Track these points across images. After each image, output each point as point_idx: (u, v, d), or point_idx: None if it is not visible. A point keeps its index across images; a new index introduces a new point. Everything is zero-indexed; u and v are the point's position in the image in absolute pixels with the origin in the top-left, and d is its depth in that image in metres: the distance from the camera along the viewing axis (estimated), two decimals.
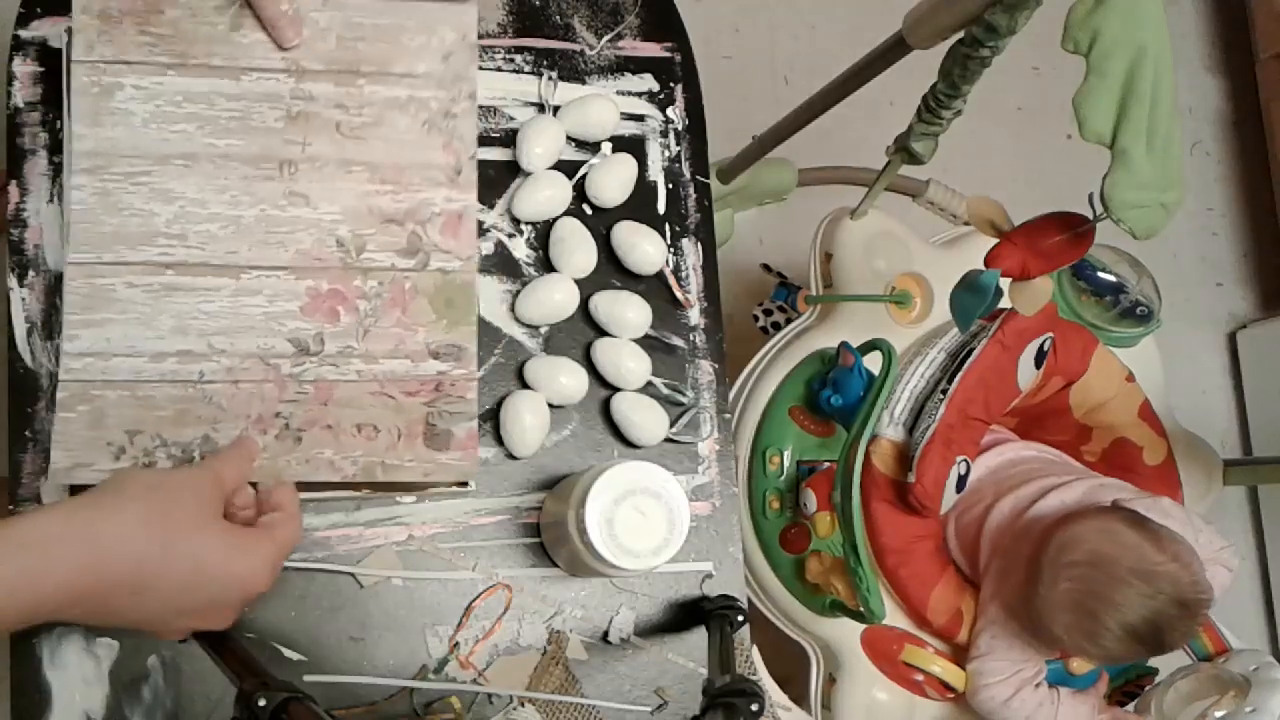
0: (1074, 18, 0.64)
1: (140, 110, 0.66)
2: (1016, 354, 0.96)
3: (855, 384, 0.93)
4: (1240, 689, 0.95)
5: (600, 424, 0.78)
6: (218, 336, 0.66)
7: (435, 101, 0.70)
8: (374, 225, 0.69)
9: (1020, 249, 0.73)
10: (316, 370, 0.67)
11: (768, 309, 1.33)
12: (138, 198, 0.65)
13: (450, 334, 0.69)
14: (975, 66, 0.75)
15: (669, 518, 0.65)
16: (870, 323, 1.00)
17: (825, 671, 1.02)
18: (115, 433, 0.64)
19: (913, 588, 0.96)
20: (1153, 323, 1.08)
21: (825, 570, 0.95)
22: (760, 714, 0.58)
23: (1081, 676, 1.03)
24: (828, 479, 0.95)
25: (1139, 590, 0.83)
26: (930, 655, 0.99)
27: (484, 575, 0.74)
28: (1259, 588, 1.72)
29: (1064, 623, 0.86)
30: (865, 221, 1.02)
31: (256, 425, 0.66)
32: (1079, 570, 0.85)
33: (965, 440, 0.94)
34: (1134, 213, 0.66)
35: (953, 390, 0.93)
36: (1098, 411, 1.05)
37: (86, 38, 0.65)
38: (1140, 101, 0.63)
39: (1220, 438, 1.77)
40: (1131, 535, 0.85)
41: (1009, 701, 0.95)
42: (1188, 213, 1.83)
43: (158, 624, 0.55)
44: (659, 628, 0.76)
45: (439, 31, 0.70)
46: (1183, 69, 1.84)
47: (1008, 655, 0.95)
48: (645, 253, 0.78)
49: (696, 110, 0.84)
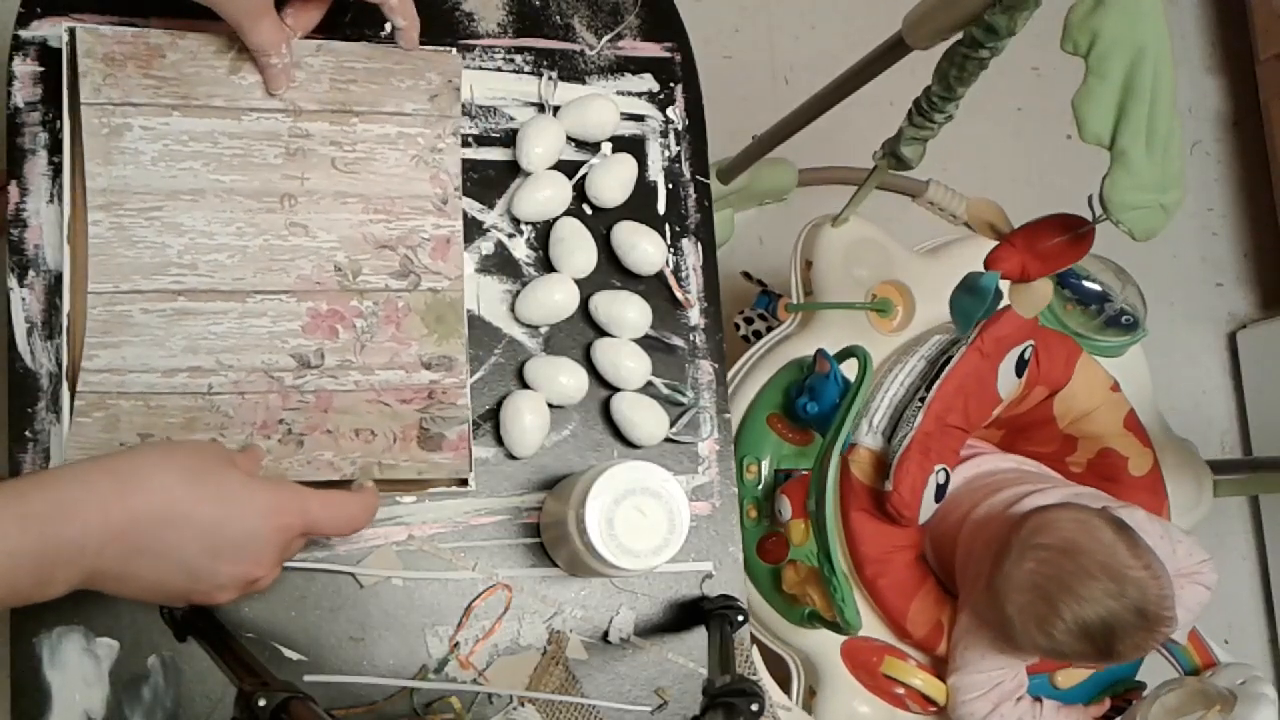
0: (1073, 18, 0.64)
1: (149, 149, 0.69)
2: (996, 361, 0.95)
3: (831, 391, 0.92)
4: (1226, 703, 0.94)
5: (600, 424, 0.78)
6: (226, 354, 0.70)
7: (422, 138, 0.74)
8: (369, 251, 0.73)
9: (1020, 251, 0.73)
10: (317, 381, 0.71)
11: (749, 317, 1.32)
12: (151, 231, 0.69)
13: (441, 347, 0.73)
14: (973, 68, 0.75)
15: (669, 518, 0.65)
16: (852, 331, 1.00)
17: (805, 684, 1.01)
18: (128, 435, 0.67)
19: (891, 598, 0.95)
20: (1138, 332, 1.07)
21: (801, 580, 0.94)
22: (760, 714, 0.58)
23: (1068, 691, 1.03)
24: (803, 486, 0.94)
25: (1104, 588, 0.82)
26: (911, 668, 0.98)
27: (484, 575, 0.74)
28: (1259, 588, 1.72)
29: (1018, 603, 0.84)
30: (846, 229, 1.01)
31: (261, 431, 0.69)
32: (1047, 554, 0.84)
33: (944, 449, 0.93)
34: (1133, 214, 0.65)
35: (931, 398, 0.92)
36: (1083, 422, 1.03)
37: (93, 81, 0.68)
38: (1140, 102, 0.63)
39: (1220, 438, 1.77)
40: (1109, 533, 0.84)
41: (988, 717, 0.94)
42: (1188, 213, 1.83)
43: (196, 570, 0.55)
44: (659, 628, 0.76)
45: (425, 75, 0.75)
46: (1183, 69, 1.84)
47: (982, 667, 0.93)
48: (645, 253, 0.78)
49: (696, 110, 0.84)
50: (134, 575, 0.53)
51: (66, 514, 0.50)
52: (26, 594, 0.50)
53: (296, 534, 0.58)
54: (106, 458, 0.54)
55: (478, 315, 0.77)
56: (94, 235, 0.68)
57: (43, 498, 0.50)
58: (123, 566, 0.52)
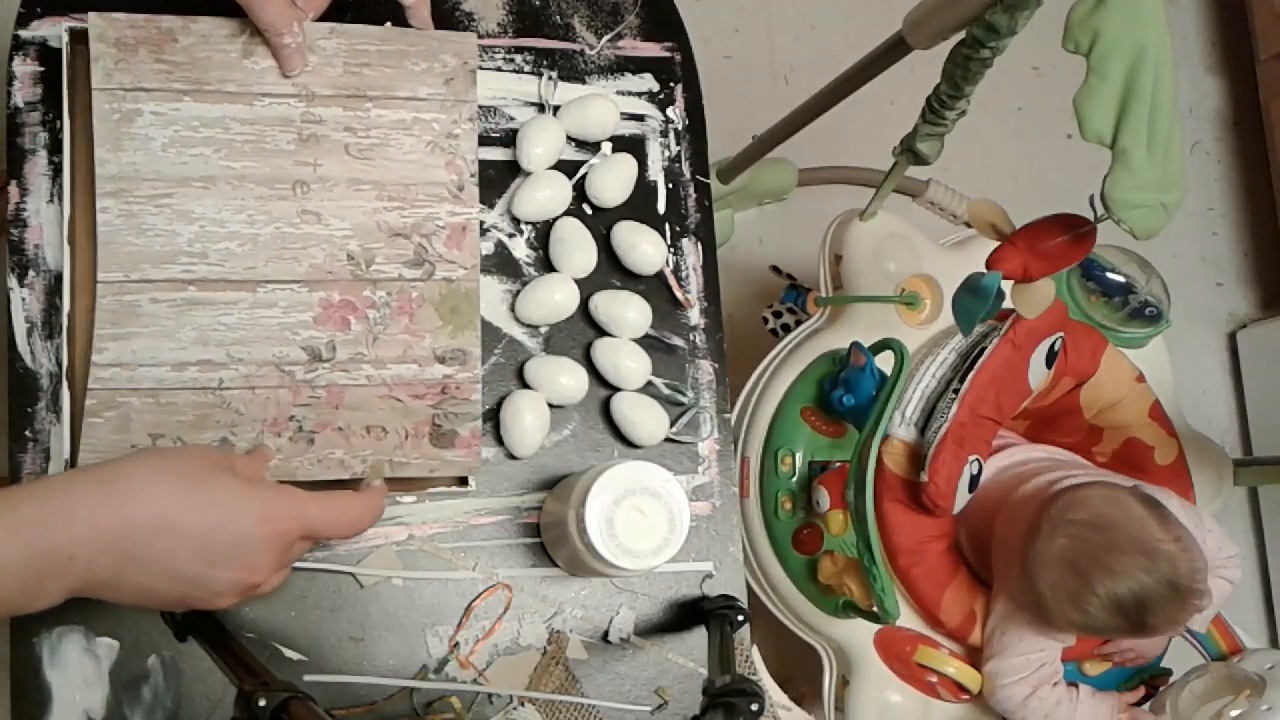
0: (1074, 18, 0.64)
1: (159, 135, 0.68)
2: (1028, 353, 0.96)
3: (867, 383, 0.93)
4: (1255, 688, 0.94)
5: (600, 424, 0.78)
6: (236, 346, 0.69)
7: (438, 123, 0.73)
8: (382, 239, 0.71)
9: (1021, 251, 0.73)
10: (329, 375, 0.70)
11: (777, 311, 1.33)
12: (161, 219, 0.68)
13: (455, 339, 0.72)
14: (976, 67, 0.75)
15: (669, 518, 0.65)
16: (880, 324, 1.00)
17: (838, 674, 1.02)
18: (139, 436, 0.67)
19: (925, 588, 0.96)
20: (1162, 323, 1.08)
21: (838, 571, 0.95)
22: (760, 714, 0.58)
23: (1098, 677, 1.03)
24: (840, 477, 0.95)
25: (1136, 562, 0.83)
26: (944, 656, 0.98)
27: (484, 575, 0.74)
28: (1259, 587, 1.72)
29: (1051, 579, 0.85)
30: (875, 223, 1.02)
31: (272, 428, 0.69)
32: (1079, 529, 0.85)
33: (977, 440, 0.94)
34: (1134, 213, 0.65)
35: (965, 389, 0.93)
36: (1108, 412, 1.05)
37: (104, 65, 0.67)
38: (1141, 101, 0.63)
39: (1220, 438, 1.77)
40: (1139, 509, 0.85)
41: (1027, 700, 0.95)
42: (1188, 213, 1.83)
43: (190, 578, 0.54)
44: (659, 628, 0.76)
45: (440, 57, 0.72)
46: (1183, 69, 1.84)
47: (1021, 650, 0.94)
48: (645, 253, 0.78)
49: (696, 110, 0.84)
50: (128, 583, 0.53)
51: (57, 524, 0.49)
52: (16, 604, 0.50)
53: (295, 539, 0.58)
54: (96, 467, 0.53)
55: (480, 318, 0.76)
56: (103, 223, 0.67)
57: (33, 507, 0.49)
58: (116, 575, 0.52)
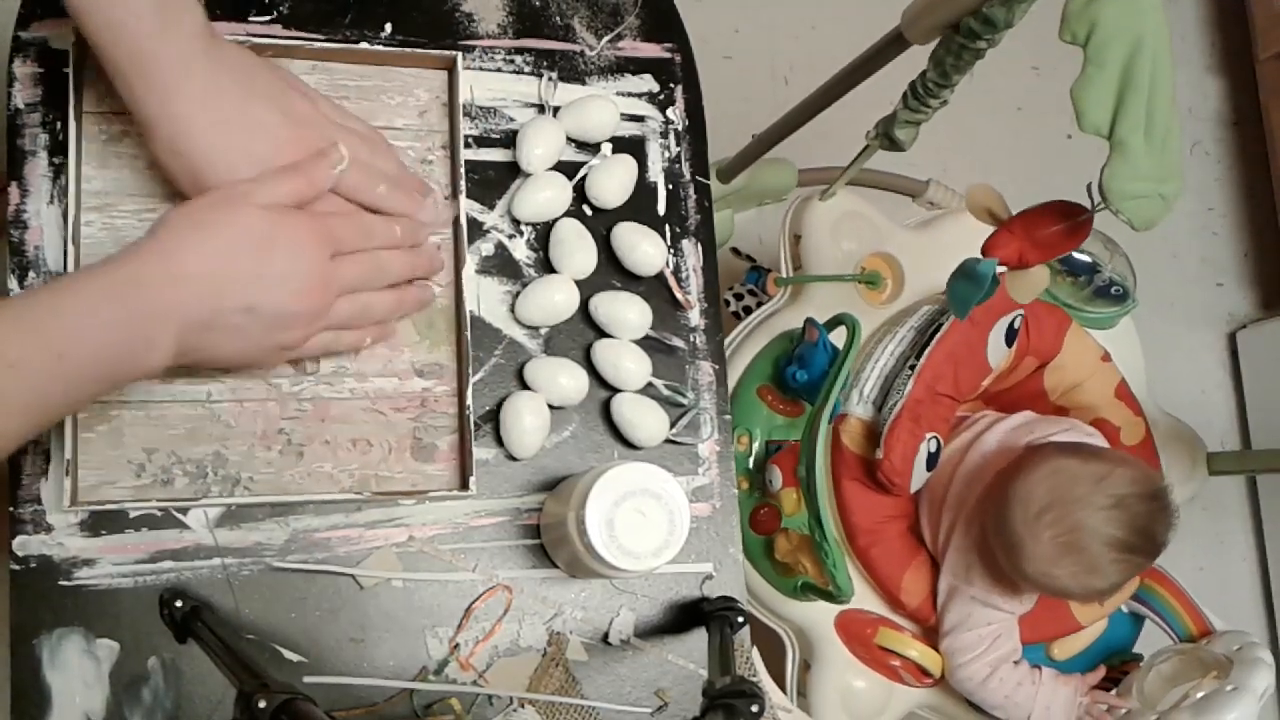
0: (1072, 8, 0.64)
1: (145, 154, 0.69)
2: (986, 330, 0.96)
3: (820, 358, 0.93)
4: (1222, 668, 0.94)
5: (600, 425, 0.78)
6: None
7: (413, 151, 0.76)
8: None
9: (1017, 238, 0.73)
10: (313, 389, 0.72)
11: (739, 293, 1.33)
12: (144, 233, 0.68)
13: (433, 353, 0.74)
14: (969, 57, 0.75)
15: (669, 519, 0.65)
16: (841, 304, 1.00)
17: (800, 658, 1.01)
18: (134, 450, 0.68)
19: (885, 568, 0.96)
20: (1128, 302, 1.08)
21: (793, 548, 0.94)
22: (760, 715, 0.58)
23: (1065, 662, 1.03)
24: (793, 454, 0.95)
25: (1104, 505, 0.85)
26: (906, 639, 0.98)
27: (484, 577, 0.74)
28: (1259, 585, 1.72)
29: (1064, 571, 0.87)
30: (833, 202, 1.02)
31: (262, 441, 0.70)
32: (1048, 516, 0.86)
33: (934, 417, 0.93)
34: (1132, 203, 0.65)
35: (921, 365, 0.93)
36: (1074, 392, 1.05)
37: (99, 90, 0.69)
38: (1138, 92, 0.63)
39: (1220, 437, 1.77)
40: (1073, 463, 0.88)
41: (987, 681, 0.95)
42: (1188, 213, 1.83)
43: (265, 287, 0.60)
44: (659, 629, 0.76)
45: (415, 93, 0.77)
46: (1183, 69, 1.84)
47: (970, 625, 0.94)
48: (645, 254, 0.78)
49: (696, 110, 0.84)
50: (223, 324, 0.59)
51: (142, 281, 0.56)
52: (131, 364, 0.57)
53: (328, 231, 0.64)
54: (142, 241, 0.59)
55: (478, 316, 0.76)
56: (87, 236, 0.69)
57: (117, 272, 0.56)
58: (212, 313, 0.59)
